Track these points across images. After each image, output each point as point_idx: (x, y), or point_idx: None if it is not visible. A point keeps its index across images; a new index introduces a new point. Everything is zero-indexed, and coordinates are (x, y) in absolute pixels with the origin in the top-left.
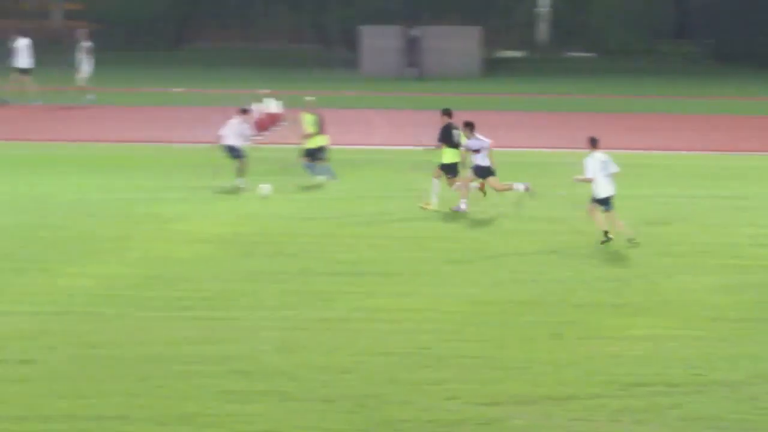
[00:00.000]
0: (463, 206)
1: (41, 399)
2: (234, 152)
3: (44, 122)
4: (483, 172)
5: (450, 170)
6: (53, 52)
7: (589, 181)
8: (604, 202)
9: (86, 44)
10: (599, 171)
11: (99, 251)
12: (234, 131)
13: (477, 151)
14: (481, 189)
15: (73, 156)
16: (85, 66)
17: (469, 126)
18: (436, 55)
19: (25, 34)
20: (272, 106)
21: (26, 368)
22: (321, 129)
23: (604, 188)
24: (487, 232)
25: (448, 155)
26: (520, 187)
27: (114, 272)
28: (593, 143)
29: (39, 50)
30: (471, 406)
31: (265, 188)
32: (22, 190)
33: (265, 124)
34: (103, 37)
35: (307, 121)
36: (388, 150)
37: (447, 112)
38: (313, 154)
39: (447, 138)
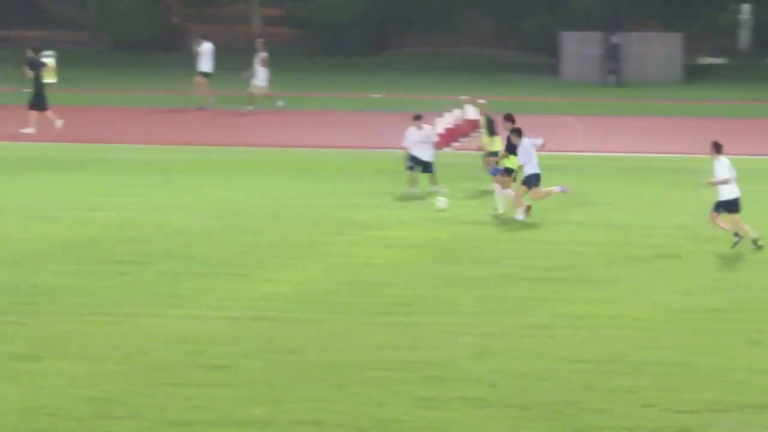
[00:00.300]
0: (519, 216)
1: (237, 404)
2: (418, 162)
3: (237, 128)
4: (535, 180)
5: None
6: (252, 58)
7: (724, 182)
8: (733, 205)
9: (262, 54)
10: (728, 174)
11: (297, 257)
12: (415, 139)
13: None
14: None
15: (270, 161)
16: (262, 75)
17: (517, 132)
18: (636, 61)
19: (208, 39)
20: (471, 112)
21: (223, 373)
22: (492, 131)
23: (733, 191)
24: (682, 236)
25: (512, 161)
26: (556, 189)
27: (311, 278)
28: (718, 148)
29: (238, 56)
30: (668, 414)
31: (442, 201)
32: (221, 195)
33: (465, 130)
34: (303, 42)
35: (482, 124)
36: (587, 156)
37: (510, 119)
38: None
39: (512, 146)
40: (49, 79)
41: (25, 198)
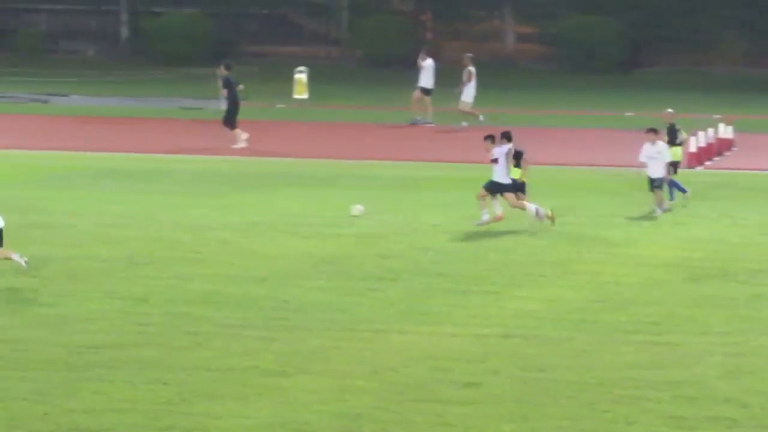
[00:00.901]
0: (485, 217)
1: (487, 421)
2: (652, 181)
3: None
4: (494, 187)
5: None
6: (503, 75)
7: None
8: None
9: (470, 69)
10: None
11: (546, 274)
12: (649, 155)
13: (495, 160)
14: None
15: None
16: (469, 90)
17: (490, 138)
18: None
19: (431, 55)
20: (723, 131)
21: (472, 391)
22: (674, 141)
23: None
24: None
25: (514, 173)
26: (532, 208)
27: (561, 295)
28: None
29: (490, 73)
30: None
31: (356, 208)
32: (471, 212)
33: (716, 149)
34: (555, 59)
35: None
36: None
37: (508, 137)
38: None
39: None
40: (300, 95)
41: (275, 213)
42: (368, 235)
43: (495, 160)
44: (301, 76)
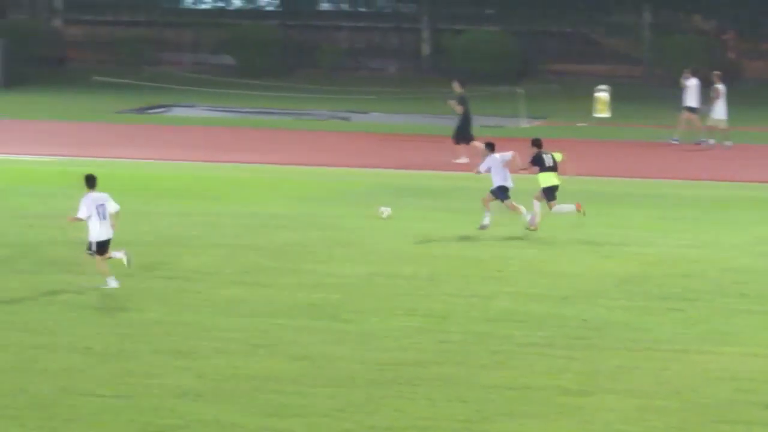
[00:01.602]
0: (485, 221)
1: None
2: None
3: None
4: (497, 193)
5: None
6: None
7: None
8: None
9: (717, 86)
10: None
11: None
12: None
13: (488, 171)
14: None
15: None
16: (717, 108)
17: (489, 146)
18: None
19: (695, 74)
20: None
21: None
22: None
23: None
24: None
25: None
26: (526, 215)
27: None
28: None
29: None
30: None
31: (384, 211)
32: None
33: None
34: None
35: None
36: None
37: (537, 143)
38: None
39: (539, 163)
40: (602, 113)
41: (575, 231)
42: (669, 255)
43: (487, 170)
44: (602, 94)
